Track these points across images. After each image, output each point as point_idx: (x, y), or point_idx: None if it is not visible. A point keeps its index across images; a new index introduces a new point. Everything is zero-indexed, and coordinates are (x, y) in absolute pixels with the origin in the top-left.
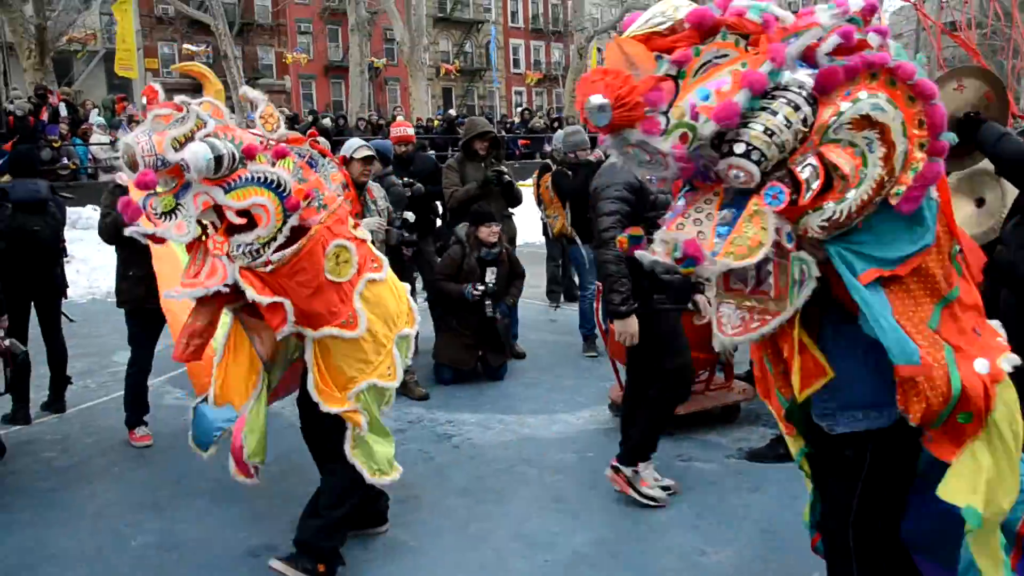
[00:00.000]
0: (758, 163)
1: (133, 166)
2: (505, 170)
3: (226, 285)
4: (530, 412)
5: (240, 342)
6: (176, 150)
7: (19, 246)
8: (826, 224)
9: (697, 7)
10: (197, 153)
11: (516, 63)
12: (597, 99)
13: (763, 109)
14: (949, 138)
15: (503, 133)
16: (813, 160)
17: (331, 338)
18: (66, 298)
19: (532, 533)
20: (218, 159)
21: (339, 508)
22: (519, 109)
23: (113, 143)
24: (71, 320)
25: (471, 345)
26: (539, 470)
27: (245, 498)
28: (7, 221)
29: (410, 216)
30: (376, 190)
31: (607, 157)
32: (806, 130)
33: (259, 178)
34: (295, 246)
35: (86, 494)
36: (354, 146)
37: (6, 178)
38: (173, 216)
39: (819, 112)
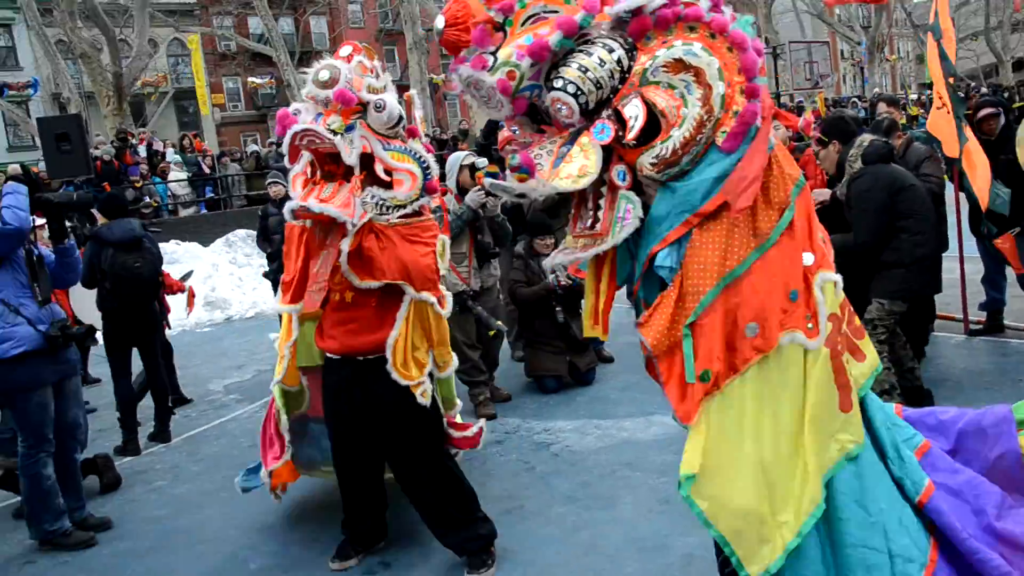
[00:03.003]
0: (575, 96)
1: (332, 83)
2: None
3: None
4: (626, 415)
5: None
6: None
7: (123, 284)
8: (656, 160)
9: None
10: (392, 104)
11: None
12: (440, 20)
13: (580, 51)
14: (762, 81)
15: None
16: (636, 100)
17: (430, 306)
18: (169, 327)
19: (643, 536)
20: (400, 118)
21: (471, 504)
22: None
23: (190, 178)
24: None
25: (558, 352)
26: (643, 473)
27: None
28: (110, 261)
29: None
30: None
31: None
32: (622, 70)
33: (414, 152)
34: (419, 215)
35: (201, 519)
36: (462, 156)
37: (102, 221)
38: (340, 136)
39: (637, 58)
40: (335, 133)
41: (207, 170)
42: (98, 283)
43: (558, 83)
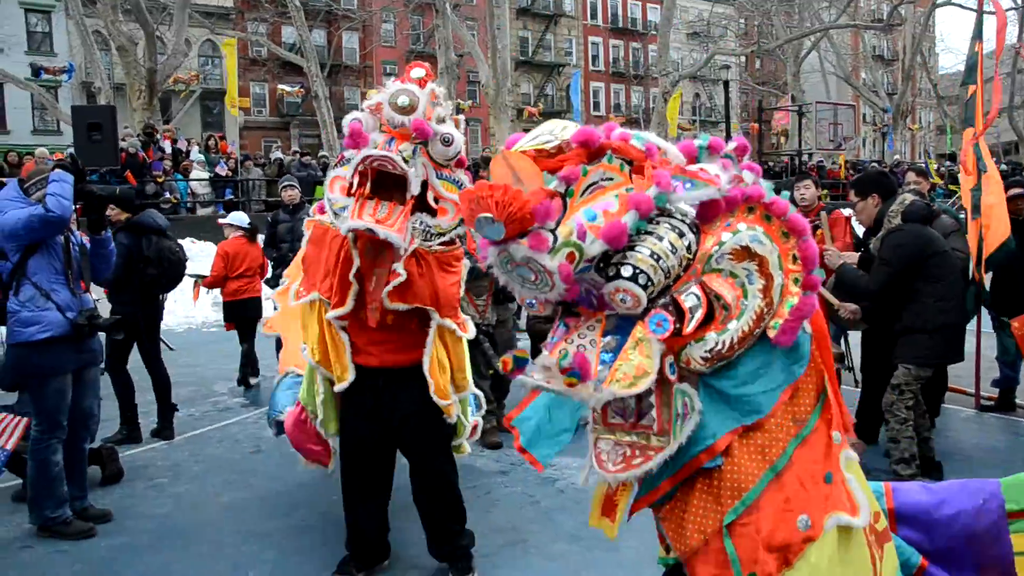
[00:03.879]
0: (645, 287)
1: (411, 110)
2: None
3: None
4: None
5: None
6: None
7: (173, 266)
8: (709, 355)
9: (584, 127)
10: (460, 138)
11: (596, 106)
12: (488, 215)
13: (649, 233)
14: (819, 273)
15: None
16: (696, 289)
17: (450, 332)
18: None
19: None
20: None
21: (463, 517)
22: None
23: (212, 179)
24: (171, 348)
25: None
26: (648, 519)
27: None
28: (156, 246)
29: None
30: None
31: None
32: (690, 257)
33: (460, 183)
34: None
35: (200, 521)
36: None
37: (123, 216)
38: (408, 164)
39: (701, 241)
40: (406, 162)
41: (228, 172)
42: (139, 271)
43: (626, 271)
